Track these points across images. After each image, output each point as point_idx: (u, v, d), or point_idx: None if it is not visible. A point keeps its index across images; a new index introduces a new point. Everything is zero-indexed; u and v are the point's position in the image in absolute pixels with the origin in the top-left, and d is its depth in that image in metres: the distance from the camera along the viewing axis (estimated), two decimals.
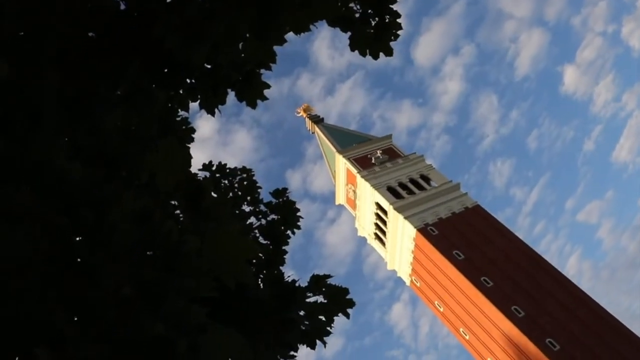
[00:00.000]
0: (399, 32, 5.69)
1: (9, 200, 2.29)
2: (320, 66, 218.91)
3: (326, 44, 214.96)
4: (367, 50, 5.66)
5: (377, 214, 61.64)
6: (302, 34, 5.42)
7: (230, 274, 2.23)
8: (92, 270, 2.10)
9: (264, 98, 5.56)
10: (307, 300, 5.18)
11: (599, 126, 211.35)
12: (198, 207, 2.35)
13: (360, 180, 62.53)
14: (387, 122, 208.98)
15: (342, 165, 66.26)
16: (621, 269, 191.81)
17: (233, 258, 2.21)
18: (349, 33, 5.69)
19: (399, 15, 5.67)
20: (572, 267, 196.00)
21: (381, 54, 5.71)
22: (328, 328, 5.25)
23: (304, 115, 77.03)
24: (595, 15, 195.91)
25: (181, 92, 5.53)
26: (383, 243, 62.12)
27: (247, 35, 4.83)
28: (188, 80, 5.49)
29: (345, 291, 5.52)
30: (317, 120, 75.34)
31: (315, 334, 5.13)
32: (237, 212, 6.92)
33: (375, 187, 60.46)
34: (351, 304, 5.52)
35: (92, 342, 1.99)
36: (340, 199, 70.23)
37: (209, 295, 2.20)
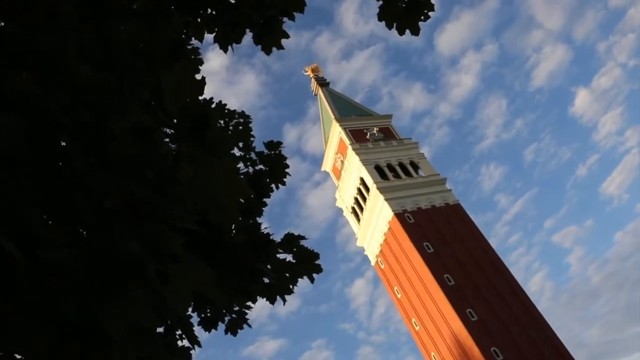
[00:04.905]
0: (430, 13, 5.58)
1: (5, 83, 2.21)
2: (343, 29, 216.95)
3: (354, 9, 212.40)
4: (395, 24, 5.55)
5: (359, 189, 61.81)
6: None
7: (217, 211, 2.18)
8: (79, 174, 2.04)
9: (281, 47, 5.45)
10: (277, 255, 5.17)
11: (596, 155, 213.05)
12: (201, 137, 2.29)
13: (350, 152, 62.49)
14: (394, 100, 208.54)
15: (336, 133, 66.05)
16: (581, 296, 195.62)
17: (224, 196, 2.16)
18: (380, 2, 5.57)
19: None
20: (535, 284, 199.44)
21: (408, 31, 5.60)
22: (291, 287, 5.25)
23: (311, 75, 76.47)
24: (621, 45, 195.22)
25: (199, 20, 5.41)
26: (358, 218, 62.42)
27: None
28: (209, 10, 5.37)
29: (316, 256, 5.51)
30: (323, 83, 74.85)
31: (277, 290, 5.14)
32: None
33: (364, 162, 60.49)
34: (319, 269, 5.51)
35: (64, 247, 1.94)
36: (327, 165, 70.19)
37: (189, 227, 2.15)
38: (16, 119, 2.13)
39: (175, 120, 2.74)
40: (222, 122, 7.22)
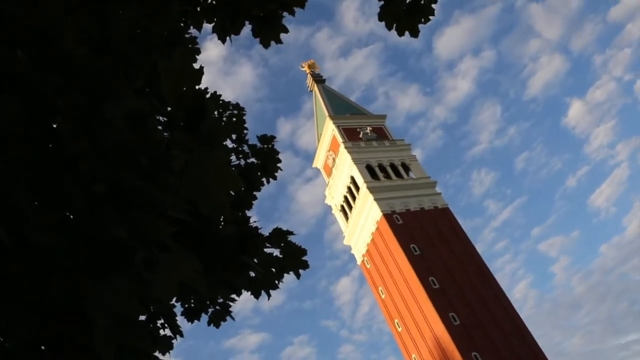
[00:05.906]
0: (431, 17, 5.58)
1: (0, 63, 2.18)
2: (343, 26, 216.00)
3: (355, 6, 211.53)
4: (395, 25, 5.54)
5: (349, 188, 61.83)
6: None
7: (208, 202, 2.17)
8: (70, 158, 2.02)
9: (279, 41, 5.44)
10: (265, 250, 5.16)
11: (587, 167, 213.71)
12: (196, 126, 2.27)
13: (342, 150, 62.48)
14: (390, 100, 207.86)
15: (329, 130, 66.02)
16: (563, 306, 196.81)
17: (216, 187, 2.14)
18: (382, 2, 5.57)
19: (435, 1, 5.55)
20: (519, 292, 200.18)
21: (407, 32, 5.60)
22: (277, 282, 5.24)
23: (308, 71, 76.39)
24: (617, 59, 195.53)
25: (198, 9, 5.38)
26: (347, 217, 62.44)
27: None
28: (208, 0, 5.35)
29: (303, 252, 5.50)
30: (319, 79, 74.78)
31: (263, 285, 5.12)
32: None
33: (355, 161, 60.52)
34: (305, 265, 5.50)
35: (49, 229, 1.92)
36: (318, 162, 70.14)
37: (178, 217, 2.14)
38: (11, 99, 2.10)
39: (169, 109, 2.72)
40: (216, 113, 7.19)
